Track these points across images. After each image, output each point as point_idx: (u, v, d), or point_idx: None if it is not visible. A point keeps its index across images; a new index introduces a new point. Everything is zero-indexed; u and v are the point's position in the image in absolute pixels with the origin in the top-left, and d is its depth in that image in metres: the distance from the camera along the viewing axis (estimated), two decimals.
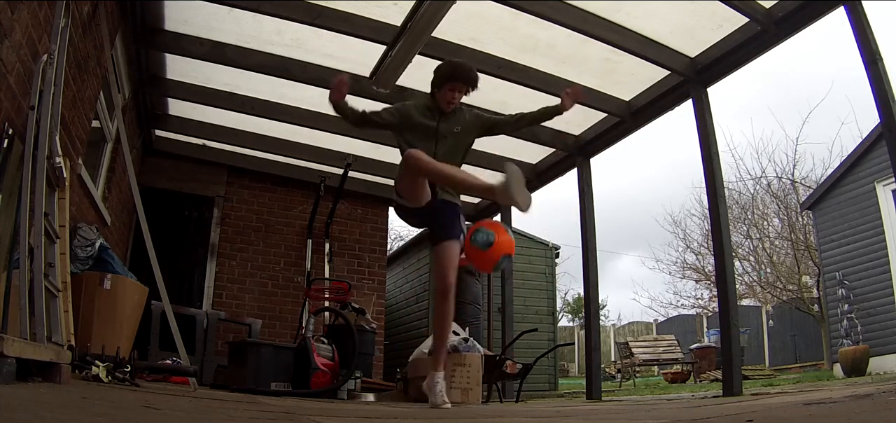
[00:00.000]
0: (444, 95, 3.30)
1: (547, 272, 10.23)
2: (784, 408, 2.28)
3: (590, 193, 6.15)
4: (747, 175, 17.39)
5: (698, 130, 4.83)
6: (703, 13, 4.34)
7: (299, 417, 1.97)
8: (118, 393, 2.27)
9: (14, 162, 2.44)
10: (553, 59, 4.96)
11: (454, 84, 3.28)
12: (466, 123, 3.40)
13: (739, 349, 4.62)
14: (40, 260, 2.28)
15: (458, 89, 3.29)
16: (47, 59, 2.61)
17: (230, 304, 6.83)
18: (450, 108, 3.32)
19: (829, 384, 5.58)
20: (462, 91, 3.31)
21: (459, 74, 3.30)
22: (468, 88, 3.31)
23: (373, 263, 7.76)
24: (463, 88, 3.30)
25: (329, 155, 6.75)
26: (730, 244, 4.89)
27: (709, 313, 17.61)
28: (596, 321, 6.04)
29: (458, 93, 3.30)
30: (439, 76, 3.33)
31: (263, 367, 4.68)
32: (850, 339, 9.52)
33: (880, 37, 3.70)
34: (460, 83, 3.28)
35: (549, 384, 9.63)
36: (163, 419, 1.56)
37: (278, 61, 5.03)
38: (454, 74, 3.30)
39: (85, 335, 3.47)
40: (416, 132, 3.32)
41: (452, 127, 3.34)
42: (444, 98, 3.30)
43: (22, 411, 1.29)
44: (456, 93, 3.29)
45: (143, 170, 6.53)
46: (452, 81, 3.28)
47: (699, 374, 10.94)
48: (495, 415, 2.77)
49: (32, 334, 2.17)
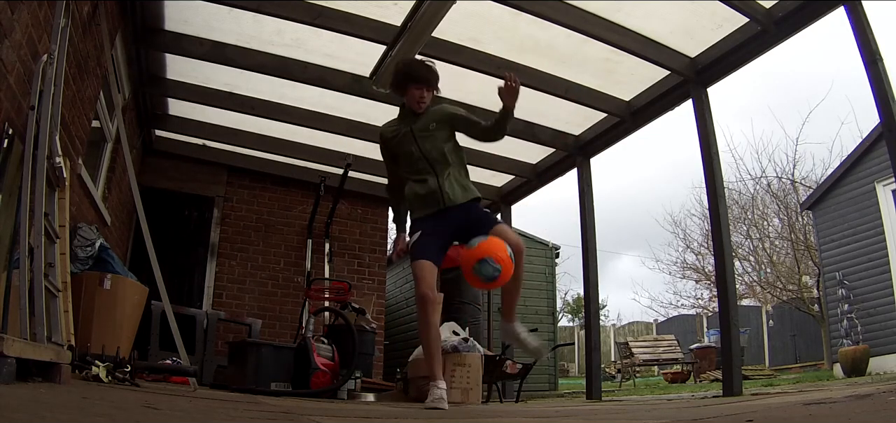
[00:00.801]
0: (411, 97, 3.29)
1: (547, 272, 10.24)
2: (784, 408, 2.28)
3: (590, 193, 6.15)
4: (747, 175, 17.40)
5: (698, 130, 4.83)
6: (703, 13, 4.34)
7: (299, 417, 1.97)
8: (118, 393, 2.27)
9: (14, 162, 2.44)
10: (553, 59, 4.95)
11: (417, 84, 3.27)
12: (441, 116, 3.35)
13: (739, 349, 4.62)
14: (40, 260, 2.28)
15: (421, 88, 3.27)
16: (47, 59, 2.61)
17: (230, 304, 6.82)
18: (420, 107, 3.30)
19: (829, 384, 5.58)
20: (427, 89, 3.28)
21: (416, 73, 3.30)
22: (429, 84, 3.29)
23: (373, 263, 7.76)
24: (425, 86, 3.28)
25: (329, 155, 6.75)
26: (730, 244, 4.89)
27: (709, 313, 17.62)
28: (596, 321, 6.05)
29: (424, 91, 3.28)
30: (397, 80, 3.34)
31: (263, 367, 4.67)
32: (850, 339, 9.52)
33: (880, 37, 3.71)
34: (421, 82, 3.27)
35: (549, 384, 9.64)
36: (163, 419, 1.56)
37: (278, 61, 5.03)
38: (411, 74, 3.30)
39: (85, 335, 3.47)
40: (398, 143, 3.35)
41: (428, 124, 3.31)
42: (412, 100, 3.30)
43: (22, 411, 1.29)
44: (423, 91, 3.27)
45: (143, 170, 6.53)
46: (413, 81, 3.28)
47: (699, 374, 10.94)
48: (495, 415, 2.77)
49: (32, 335, 2.17)
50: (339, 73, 5.20)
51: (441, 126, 3.32)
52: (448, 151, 3.30)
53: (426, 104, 3.31)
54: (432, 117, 3.34)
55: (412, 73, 3.31)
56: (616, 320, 26.74)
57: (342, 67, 5.15)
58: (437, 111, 3.38)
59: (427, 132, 3.29)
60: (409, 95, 3.30)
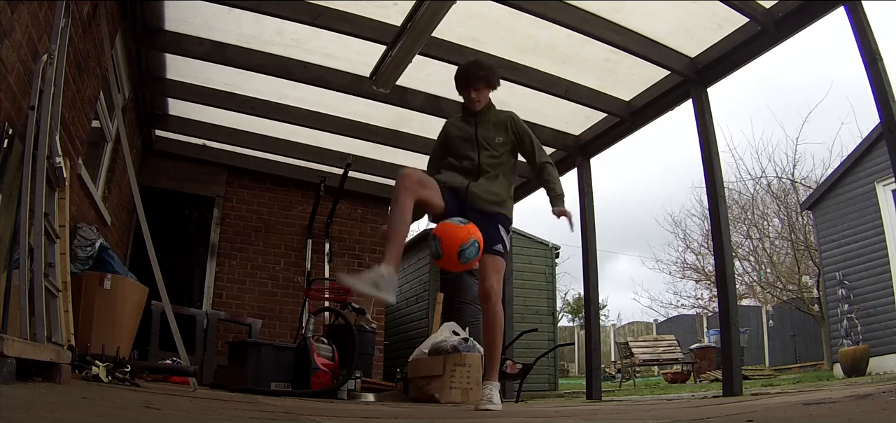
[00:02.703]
0: (466, 98, 3.35)
1: (547, 272, 10.24)
2: (784, 408, 2.28)
3: (590, 193, 6.14)
4: (747, 175, 17.38)
5: (698, 130, 4.82)
6: (702, 13, 4.34)
7: (299, 417, 1.98)
8: (118, 393, 2.27)
9: (14, 162, 2.44)
10: (553, 59, 4.95)
11: (463, 89, 3.33)
12: (499, 123, 3.36)
13: (739, 349, 4.62)
14: (40, 260, 2.28)
15: (469, 90, 3.31)
16: (47, 59, 2.61)
17: (230, 304, 6.83)
18: (477, 106, 3.32)
19: (829, 384, 5.58)
20: (472, 92, 3.31)
21: (459, 79, 3.35)
22: (474, 87, 3.30)
23: (373, 263, 7.65)
24: (469, 90, 3.31)
25: (329, 155, 6.75)
26: (730, 244, 4.89)
27: (709, 313, 17.61)
28: (596, 321, 6.04)
29: (474, 91, 3.30)
30: (456, 83, 3.41)
31: (263, 367, 4.68)
32: (850, 339, 9.52)
33: (880, 37, 3.70)
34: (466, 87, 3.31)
35: (549, 384, 9.64)
36: (163, 419, 1.56)
37: (278, 61, 5.03)
38: (457, 80, 3.37)
39: (85, 335, 3.47)
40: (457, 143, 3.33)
41: (488, 125, 3.32)
42: (467, 100, 3.35)
43: (22, 411, 1.29)
44: (470, 93, 3.31)
45: (143, 170, 6.52)
46: (460, 87, 3.35)
47: (699, 374, 10.94)
48: (495, 415, 2.77)
49: (32, 334, 2.17)
50: (339, 73, 5.20)
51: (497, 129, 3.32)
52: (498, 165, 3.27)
53: (479, 105, 3.31)
54: (499, 131, 3.32)
55: (457, 79, 3.36)
56: (616, 320, 26.73)
57: (342, 67, 5.15)
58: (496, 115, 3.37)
59: (487, 138, 3.28)
60: (465, 96, 3.35)
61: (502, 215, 3.20)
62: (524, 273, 9.63)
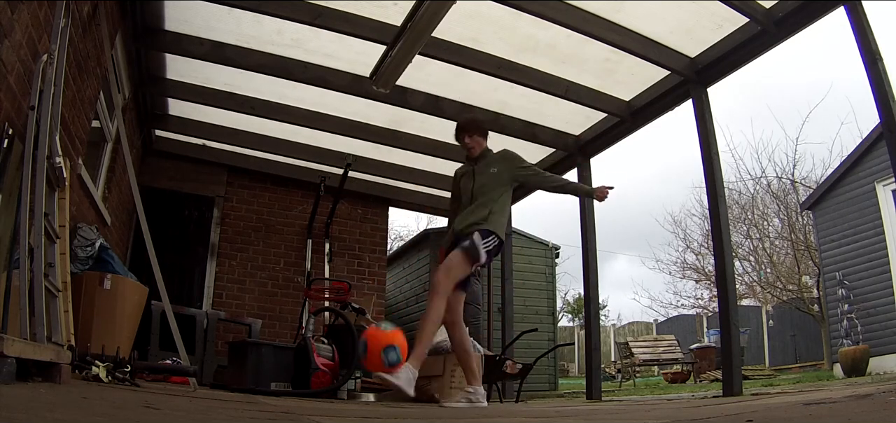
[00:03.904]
0: (463, 146, 3.99)
1: (547, 272, 10.24)
2: (784, 408, 2.28)
3: None
4: (747, 175, 17.38)
5: (698, 130, 4.82)
6: (702, 13, 4.34)
7: (299, 417, 1.97)
8: (118, 393, 2.27)
9: (14, 162, 2.44)
10: (553, 59, 4.95)
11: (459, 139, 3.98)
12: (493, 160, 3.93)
13: (739, 349, 4.62)
14: (40, 260, 2.28)
15: (461, 140, 3.95)
16: (47, 59, 2.61)
17: (230, 304, 6.83)
18: (472, 153, 3.95)
19: (829, 384, 5.58)
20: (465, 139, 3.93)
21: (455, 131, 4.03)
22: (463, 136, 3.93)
23: (373, 263, 7.76)
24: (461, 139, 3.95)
25: (329, 155, 6.75)
26: (730, 244, 4.89)
27: (709, 313, 17.62)
28: (596, 321, 6.04)
29: (465, 141, 3.93)
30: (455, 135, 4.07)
31: (263, 367, 4.67)
32: (850, 339, 9.52)
33: (880, 37, 3.70)
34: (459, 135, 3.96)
35: (549, 384, 9.64)
36: (163, 419, 1.56)
37: (278, 61, 5.03)
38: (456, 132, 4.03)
39: (85, 335, 3.47)
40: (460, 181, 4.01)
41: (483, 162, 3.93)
42: (464, 147, 4.00)
43: (22, 411, 1.29)
44: (465, 139, 3.94)
45: (143, 170, 6.52)
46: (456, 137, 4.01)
47: (699, 374, 10.94)
48: (495, 415, 2.77)
49: (32, 335, 2.17)
50: (339, 73, 5.20)
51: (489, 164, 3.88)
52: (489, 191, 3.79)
53: (475, 151, 3.93)
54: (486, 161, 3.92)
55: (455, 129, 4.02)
56: (616, 320, 26.73)
57: (342, 67, 5.15)
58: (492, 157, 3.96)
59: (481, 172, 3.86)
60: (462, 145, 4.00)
61: (478, 228, 3.68)
62: (524, 273, 9.63)
